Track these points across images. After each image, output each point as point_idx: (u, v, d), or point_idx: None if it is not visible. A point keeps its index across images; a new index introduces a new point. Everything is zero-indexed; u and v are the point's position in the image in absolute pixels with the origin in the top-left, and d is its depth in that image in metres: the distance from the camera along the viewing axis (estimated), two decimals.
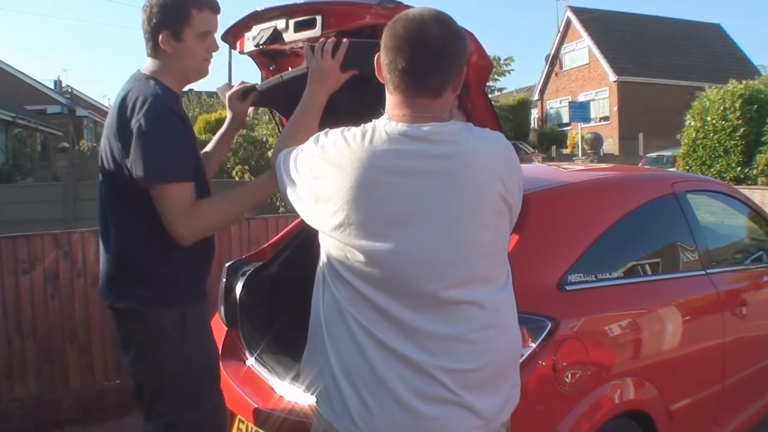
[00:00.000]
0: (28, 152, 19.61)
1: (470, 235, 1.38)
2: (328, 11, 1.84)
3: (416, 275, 1.36)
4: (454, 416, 1.37)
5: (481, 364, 1.39)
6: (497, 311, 1.43)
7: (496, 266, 1.45)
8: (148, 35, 1.86)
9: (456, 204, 1.36)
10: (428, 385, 1.35)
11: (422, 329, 1.36)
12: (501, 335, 1.44)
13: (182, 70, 1.91)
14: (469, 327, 1.38)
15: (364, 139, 1.40)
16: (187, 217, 1.74)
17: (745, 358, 2.80)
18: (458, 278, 1.37)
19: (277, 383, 2.21)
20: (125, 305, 1.85)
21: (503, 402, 1.45)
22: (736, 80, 11.86)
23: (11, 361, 3.51)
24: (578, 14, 29.06)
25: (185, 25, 1.83)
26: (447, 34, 1.42)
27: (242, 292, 2.55)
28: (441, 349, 1.36)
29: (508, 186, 1.42)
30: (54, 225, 7.78)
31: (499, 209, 1.42)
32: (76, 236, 3.70)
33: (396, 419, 1.36)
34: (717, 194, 3.20)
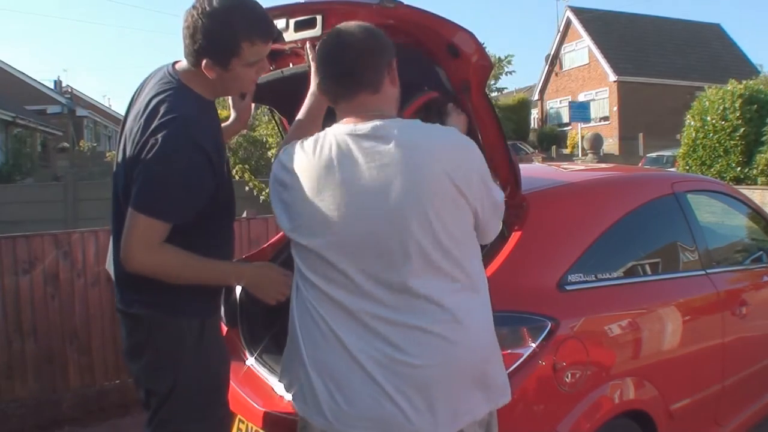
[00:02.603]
0: (28, 152, 19.60)
1: (416, 227, 1.41)
2: (328, 11, 1.84)
3: (365, 268, 1.43)
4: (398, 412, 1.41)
5: (430, 362, 1.41)
6: (459, 311, 1.44)
7: (454, 263, 1.45)
8: (190, 50, 1.66)
9: (400, 197, 1.40)
10: (388, 379, 1.41)
11: (378, 321, 1.43)
12: (461, 337, 1.44)
13: (224, 89, 1.79)
14: (426, 320, 1.42)
15: (315, 145, 1.51)
16: (145, 251, 1.63)
17: (745, 358, 2.80)
18: (408, 270, 1.41)
19: (277, 383, 2.21)
20: (145, 311, 1.76)
21: (448, 413, 1.43)
22: (735, 80, 11.85)
23: (11, 361, 3.51)
24: (578, 14, 29.06)
25: (233, 57, 1.65)
26: (363, 33, 1.52)
27: (242, 292, 2.55)
28: (400, 340, 1.42)
29: (458, 179, 1.43)
30: (54, 225, 7.78)
31: (453, 199, 1.44)
32: (76, 236, 3.70)
33: (362, 413, 1.42)
34: (717, 194, 3.20)
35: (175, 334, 1.76)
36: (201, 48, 1.64)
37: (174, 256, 1.68)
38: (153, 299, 1.74)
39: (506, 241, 2.05)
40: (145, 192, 1.62)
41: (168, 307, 1.75)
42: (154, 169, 1.61)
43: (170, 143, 1.60)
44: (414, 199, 1.40)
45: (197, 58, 1.66)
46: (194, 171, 1.64)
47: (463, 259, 1.47)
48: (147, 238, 1.62)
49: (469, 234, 1.51)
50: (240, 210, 4.47)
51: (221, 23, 1.61)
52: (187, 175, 1.63)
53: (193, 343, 1.77)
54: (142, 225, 1.62)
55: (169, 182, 1.62)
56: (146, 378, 1.82)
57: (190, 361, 1.77)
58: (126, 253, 1.64)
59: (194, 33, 1.63)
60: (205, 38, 1.62)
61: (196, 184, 1.67)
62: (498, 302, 1.91)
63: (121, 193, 1.74)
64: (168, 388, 1.77)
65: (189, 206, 1.67)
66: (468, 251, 1.50)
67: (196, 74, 1.71)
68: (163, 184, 1.62)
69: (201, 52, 1.64)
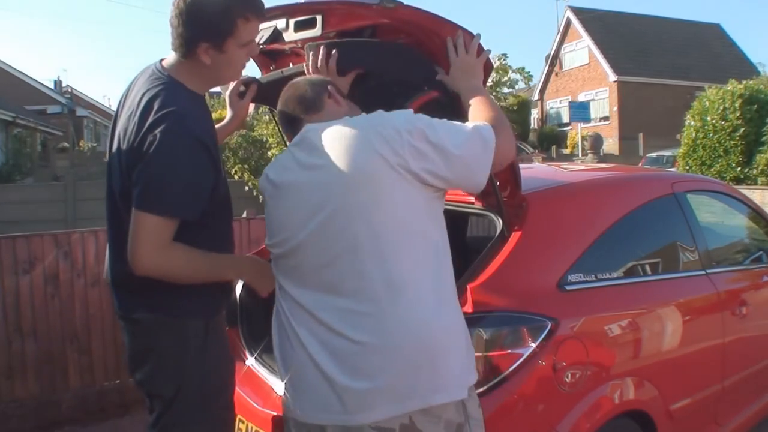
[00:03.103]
0: (28, 152, 19.60)
1: (352, 219, 1.46)
2: (328, 11, 1.84)
3: (315, 267, 1.53)
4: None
5: (363, 339, 1.44)
6: (393, 291, 1.44)
7: (391, 249, 1.45)
8: (182, 40, 1.64)
9: (331, 196, 1.48)
10: (327, 361, 1.48)
11: (323, 311, 1.50)
12: (393, 314, 1.44)
13: (215, 78, 1.76)
14: (361, 304, 1.46)
15: (275, 163, 1.70)
16: (155, 251, 1.60)
17: (745, 358, 2.80)
18: (347, 260, 1.47)
19: (277, 383, 2.21)
20: (148, 315, 1.74)
21: (384, 395, 1.43)
22: (735, 80, 11.84)
23: (11, 361, 3.51)
24: (578, 14, 29.04)
25: (229, 37, 1.63)
26: (305, 83, 1.71)
27: (242, 292, 2.55)
28: (338, 323, 1.48)
29: (387, 151, 1.45)
30: (54, 225, 7.78)
31: (389, 182, 1.45)
32: (76, 236, 3.70)
33: (311, 399, 1.52)
34: (717, 194, 3.20)
35: (180, 336, 1.73)
36: (196, 32, 1.61)
37: (183, 253, 1.66)
38: (155, 302, 1.72)
39: (506, 241, 2.05)
40: (149, 190, 1.58)
41: (171, 309, 1.72)
42: (156, 166, 1.57)
43: (169, 138, 1.57)
44: (344, 193, 1.47)
45: (192, 45, 1.63)
46: (197, 164, 1.62)
47: (400, 243, 1.47)
48: (156, 238, 1.59)
49: (412, 219, 1.49)
50: (240, 210, 4.47)
51: (215, 2, 1.60)
52: (190, 168, 1.61)
53: (198, 345, 1.74)
54: (150, 225, 1.58)
55: (172, 177, 1.59)
56: (152, 382, 1.78)
57: (195, 363, 1.74)
58: (135, 255, 1.60)
59: (187, 18, 1.61)
60: (199, 21, 1.60)
61: (201, 178, 1.64)
62: (498, 302, 1.92)
63: (119, 197, 1.71)
64: (174, 392, 1.74)
65: (196, 200, 1.64)
66: (408, 236, 1.48)
67: (185, 68, 1.69)
68: (167, 180, 1.59)
69: (196, 36, 1.62)
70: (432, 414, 1.44)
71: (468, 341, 1.57)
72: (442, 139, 1.49)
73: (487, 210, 2.22)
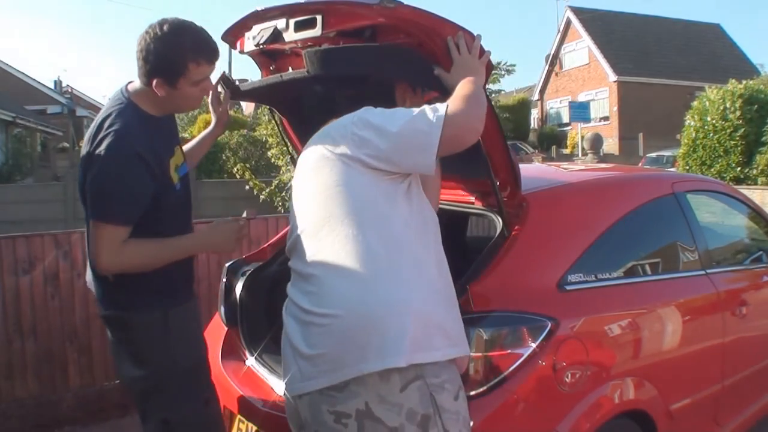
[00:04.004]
0: (28, 152, 19.62)
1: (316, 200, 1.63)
2: (328, 11, 1.84)
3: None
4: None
5: (313, 309, 1.52)
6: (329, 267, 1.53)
7: (358, 231, 1.53)
8: (142, 71, 1.84)
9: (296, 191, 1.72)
10: (295, 335, 1.57)
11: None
12: (332, 286, 1.52)
13: (171, 107, 1.96)
14: (315, 272, 1.58)
15: None
16: (112, 254, 1.80)
17: (745, 358, 2.80)
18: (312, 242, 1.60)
19: (277, 383, 2.21)
20: (111, 313, 1.95)
21: (329, 362, 1.48)
22: (735, 80, 11.84)
23: (11, 361, 3.51)
24: (578, 14, 29.05)
25: (181, 77, 1.83)
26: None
27: (242, 292, 2.55)
28: (302, 299, 1.58)
29: (330, 145, 1.62)
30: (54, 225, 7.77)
31: (332, 172, 1.59)
32: (76, 236, 3.70)
33: (289, 378, 1.58)
34: (717, 194, 3.20)
35: (139, 329, 1.92)
36: (152, 68, 1.81)
37: (137, 248, 1.84)
38: (115, 299, 1.94)
39: (506, 241, 2.05)
40: (95, 202, 1.81)
41: (127, 306, 1.92)
42: (98, 180, 1.79)
43: (108, 153, 1.77)
44: (299, 185, 1.69)
45: (149, 78, 1.83)
46: (132, 176, 1.80)
47: (349, 225, 1.54)
48: (108, 242, 1.79)
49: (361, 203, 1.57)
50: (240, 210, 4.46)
51: (171, 46, 1.80)
52: (126, 180, 1.79)
53: (159, 335, 1.91)
54: (101, 232, 1.79)
55: (112, 189, 1.80)
56: (125, 373, 1.98)
57: (159, 352, 1.91)
58: (94, 259, 1.83)
59: (146, 55, 1.80)
60: (156, 59, 1.80)
61: (137, 187, 1.82)
62: (498, 302, 1.92)
63: (84, 206, 1.91)
64: (146, 380, 1.92)
65: (134, 207, 1.83)
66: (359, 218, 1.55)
67: (145, 93, 1.88)
68: (108, 192, 1.80)
69: (152, 72, 1.82)
70: (389, 402, 1.42)
71: (437, 322, 1.52)
72: (382, 121, 1.58)
73: (487, 210, 2.22)
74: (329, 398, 1.47)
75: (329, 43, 1.89)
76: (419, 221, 1.61)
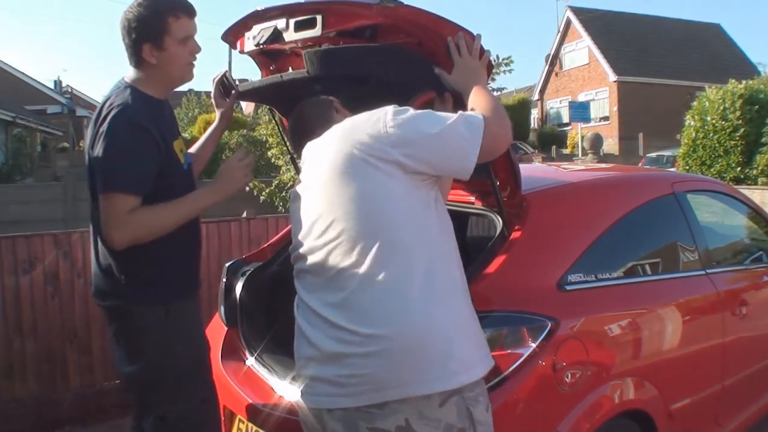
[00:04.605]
0: (28, 152, 19.58)
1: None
2: (328, 11, 1.84)
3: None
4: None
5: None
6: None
7: (387, 242, 1.49)
8: (130, 49, 1.91)
9: (316, 198, 1.62)
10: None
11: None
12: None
13: (167, 78, 1.97)
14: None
15: None
16: (121, 224, 1.81)
17: (745, 358, 2.80)
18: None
19: (277, 383, 2.21)
20: (112, 303, 1.96)
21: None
22: (735, 80, 11.84)
23: (11, 361, 3.51)
24: (578, 14, 29.04)
25: (165, 34, 1.88)
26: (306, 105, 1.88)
27: (242, 292, 2.55)
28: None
29: (360, 146, 1.52)
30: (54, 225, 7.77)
31: (364, 176, 1.51)
32: (76, 236, 3.70)
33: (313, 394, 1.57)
34: (717, 194, 3.20)
35: (138, 322, 1.91)
36: (137, 37, 1.87)
37: (147, 214, 1.85)
38: (117, 290, 1.93)
39: (506, 241, 2.05)
40: (103, 174, 1.82)
41: (129, 297, 1.92)
42: (102, 152, 1.81)
43: (111, 127, 1.81)
44: (320, 191, 1.59)
45: (137, 50, 1.88)
46: (135, 143, 1.82)
47: (377, 234, 1.50)
48: (117, 213, 1.80)
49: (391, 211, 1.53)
50: (240, 210, 4.47)
51: (147, 7, 1.87)
52: (129, 147, 1.82)
53: (159, 329, 1.90)
54: (108, 202, 1.81)
55: (116, 158, 1.81)
56: (123, 366, 1.97)
57: (158, 347, 1.90)
58: (107, 234, 1.84)
59: (129, 29, 1.87)
60: (138, 25, 1.86)
61: (143, 154, 1.84)
62: (498, 302, 1.92)
63: (91, 196, 1.93)
64: (144, 375, 1.91)
65: (143, 175, 1.84)
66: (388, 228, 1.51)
67: (140, 76, 1.93)
68: (113, 161, 1.81)
69: (138, 41, 1.87)
70: (429, 418, 1.44)
71: (472, 337, 1.57)
72: (419, 122, 1.54)
73: (487, 210, 2.22)
74: (368, 415, 1.45)
75: (329, 43, 1.89)
76: (448, 230, 1.62)
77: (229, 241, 4.09)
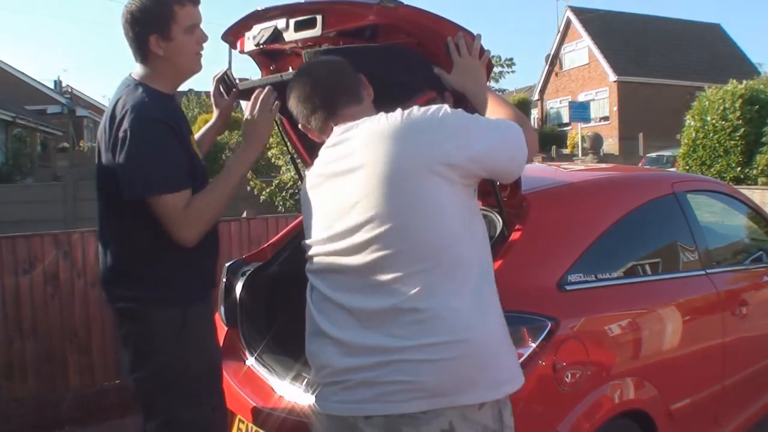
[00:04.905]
0: (28, 152, 19.58)
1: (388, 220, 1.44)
2: (328, 11, 1.84)
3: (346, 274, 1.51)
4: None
5: None
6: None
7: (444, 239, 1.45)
8: (136, 42, 1.85)
9: (365, 188, 1.45)
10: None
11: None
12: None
13: (176, 70, 1.92)
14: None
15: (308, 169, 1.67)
16: (183, 221, 1.79)
17: (745, 358, 2.80)
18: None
19: (277, 383, 2.21)
20: (126, 305, 1.87)
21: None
22: (736, 80, 11.84)
23: (11, 361, 3.51)
24: (578, 14, 29.03)
25: (171, 23, 1.83)
26: (329, 63, 1.68)
27: (242, 292, 2.55)
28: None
29: (425, 150, 1.44)
30: (54, 225, 7.78)
31: (433, 179, 1.43)
32: (76, 236, 3.70)
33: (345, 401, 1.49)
34: (717, 194, 3.20)
35: (154, 325, 1.85)
36: (142, 28, 1.82)
37: (199, 205, 1.82)
38: (133, 293, 1.85)
39: (506, 241, 2.05)
40: (144, 180, 1.76)
41: (146, 300, 1.85)
42: (137, 156, 1.75)
43: (136, 129, 1.75)
44: (383, 191, 1.44)
45: (143, 42, 1.83)
46: (166, 140, 1.80)
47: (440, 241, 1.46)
48: (176, 213, 1.78)
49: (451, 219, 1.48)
50: (240, 210, 4.47)
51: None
52: (163, 145, 1.78)
53: (174, 334, 1.84)
54: (164, 206, 1.77)
55: (153, 159, 1.77)
56: (133, 370, 1.89)
57: (172, 352, 1.84)
58: (175, 236, 1.81)
59: (132, 18, 1.82)
60: (143, 16, 1.81)
61: (175, 149, 1.82)
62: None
63: (106, 198, 1.90)
64: (155, 379, 1.85)
65: (182, 168, 1.82)
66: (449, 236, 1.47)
67: (148, 71, 1.88)
68: (151, 163, 1.76)
69: (144, 32, 1.82)
70: (470, 420, 1.44)
71: (512, 347, 1.56)
72: (484, 127, 1.52)
73: (487, 210, 2.22)
74: (413, 420, 1.42)
75: (329, 43, 1.89)
76: (486, 237, 1.59)
77: (229, 241, 4.09)
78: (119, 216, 1.88)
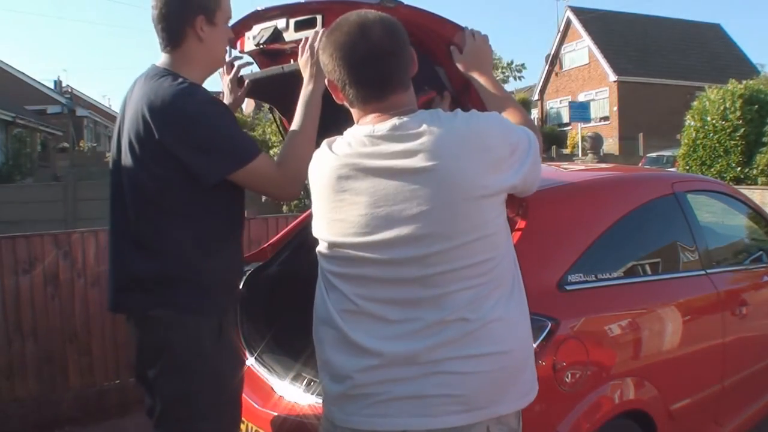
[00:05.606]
0: (28, 152, 19.60)
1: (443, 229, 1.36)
2: (328, 10, 1.84)
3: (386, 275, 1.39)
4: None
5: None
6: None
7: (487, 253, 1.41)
8: (178, 22, 1.76)
9: (426, 201, 1.33)
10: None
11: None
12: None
13: (210, 59, 1.86)
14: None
15: (330, 149, 1.46)
16: (278, 182, 1.78)
17: (745, 358, 2.80)
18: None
19: (277, 383, 2.21)
20: (164, 312, 1.74)
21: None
22: (735, 80, 11.85)
23: (11, 361, 3.51)
24: (578, 14, 29.05)
25: (217, 8, 1.79)
26: (389, 30, 1.41)
27: (242, 292, 2.55)
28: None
29: (496, 160, 1.38)
30: (54, 225, 7.78)
31: (491, 195, 1.38)
32: (76, 236, 3.70)
33: (375, 415, 1.40)
34: (717, 194, 3.20)
35: (194, 334, 1.74)
36: (190, 10, 1.75)
37: (289, 151, 1.80)
38: (171, 300, 1.74)
39: None
40: (222, 154, 1.70)
41: (186, 307, 1.74)
42: (211, 136, 1.70)
43: (200, 109, 1.70)
44: (444, 201, 1.34)
45: (189, 21, 1.75)
46: (229, 114, 1.82)
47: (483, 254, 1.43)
48: (270, 174, 1.76)
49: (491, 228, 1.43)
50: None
51: None
52: (227, 116, 1.78)
53: (211, 344, 1.76)
54: (256, 173, 1.74)
55: (226, 131, 1.72)
56: (162, 380, 1.77)
57: (207, 362, 1.75)
58: (280, 196, 1.85)
59: (172, 2, 1.75)
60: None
61: (237, 122, 1.82)
62: None
63: (154, 204, 1.74)
64: (184, 389, 1.74)
65: (250, 138, 1.83)
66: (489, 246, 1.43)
67: (178, 60, 1.80)
68: (226, 136, 1.72)
69: (193, 10, 1.75)
70: (503, 423, 1.45)
71: (533, 351, 1.58)
72: (525, 139, 1.47)
73: None
74: (454, 430, 1.39)
75: None
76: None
77: None
78: (165, 222, 1.76)
